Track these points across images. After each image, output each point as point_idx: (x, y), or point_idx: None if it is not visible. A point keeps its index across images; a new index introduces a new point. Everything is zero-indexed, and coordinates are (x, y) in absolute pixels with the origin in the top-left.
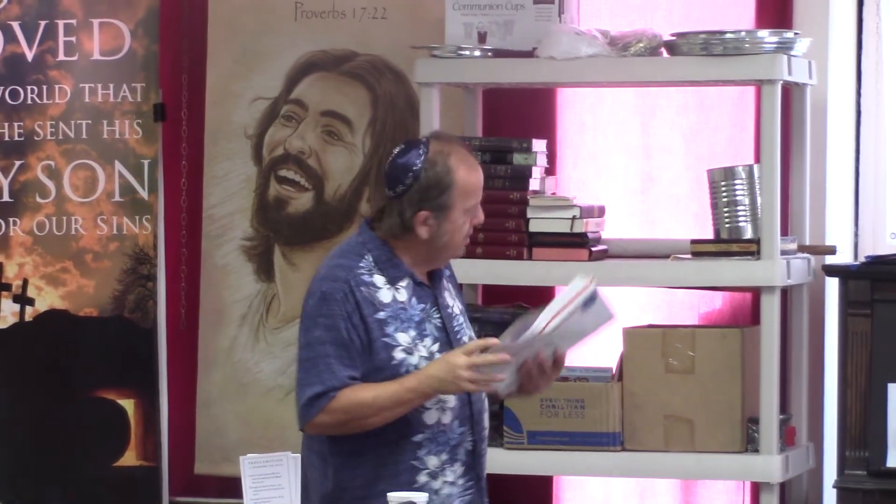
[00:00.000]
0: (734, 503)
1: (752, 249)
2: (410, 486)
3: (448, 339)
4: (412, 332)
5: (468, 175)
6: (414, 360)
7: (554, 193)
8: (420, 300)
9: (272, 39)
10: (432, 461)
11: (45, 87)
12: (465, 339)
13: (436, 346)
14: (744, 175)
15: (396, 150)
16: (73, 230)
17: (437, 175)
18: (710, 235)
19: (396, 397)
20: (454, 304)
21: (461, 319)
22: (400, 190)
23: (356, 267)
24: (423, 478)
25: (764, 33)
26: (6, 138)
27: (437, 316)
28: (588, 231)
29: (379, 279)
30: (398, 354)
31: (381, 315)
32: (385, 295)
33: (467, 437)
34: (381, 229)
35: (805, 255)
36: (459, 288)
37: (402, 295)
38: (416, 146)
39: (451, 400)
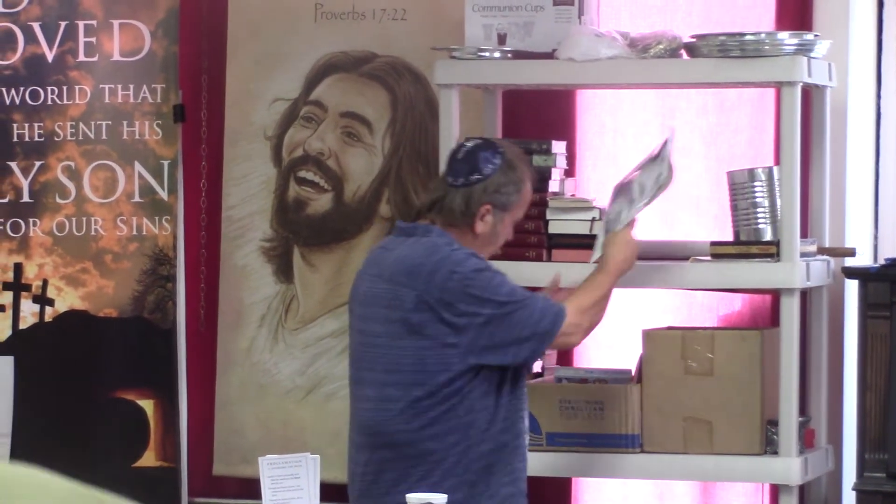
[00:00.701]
0: None
1: (771, 251)
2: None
3: None
4: None
5: (530, 187)
6: None
7: (573, 195)
8: None
9: (292, 41)
10: (523, 465)
11: (65, 87)
12: None
13: None
14: (763, 177)
15: (470, 144)
16: (93, 231)
17: (514, 177)
18: (729, 237)
19: (609, 285)
20: None
21: None
22: (474, 179)
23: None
24: (522, 485)
25: (784, 35)
26: (26, 139)
27: None
28: None
29: None
30: None
31: None
32: None
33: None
34: (441, 217)
35: (825, 257)
36: None
37: None
38: (491, 145)
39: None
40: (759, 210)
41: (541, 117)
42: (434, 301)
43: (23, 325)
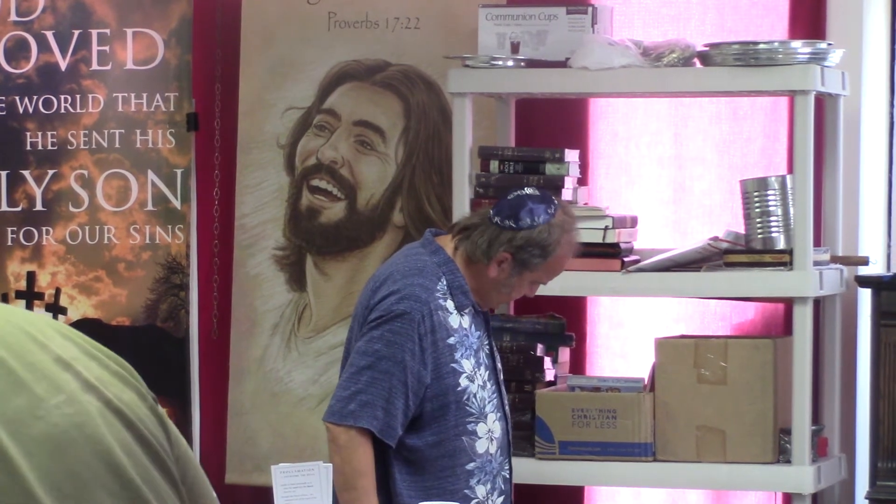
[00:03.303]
0: None
1: (784, 260)
2: None
3: (493, 367)
4: (473, 360)
5: (562, 260)
6: (474, 388)
7: (586, 204)
8: (476, 328)
9: (305, 49)
10: (481, 490)
11: (78, 96)
12: (500, 366)
13: (487, 374)
14: (777, 185)
15: (529, 191)
16: (106, 239)
17: (547, 240)
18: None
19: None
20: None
21: (496, 349)
22: (507, 224)
23: (434, 290)
24: None
25: (797, 44)
26: (39, 147)
27: (487, 344)
28: (620, 241)
29: (450, 304)
30: (463, 381)
31: (452, 340)
32: (454, 320)
33: (504, 465)
34: (465, 244)
35: (838, 265)
36: None
37: (466, 321)
38: (545, 200)
39: (498, 429)
40: (772, 218)
41: (554, 126)
42: (364, 311)
43: None
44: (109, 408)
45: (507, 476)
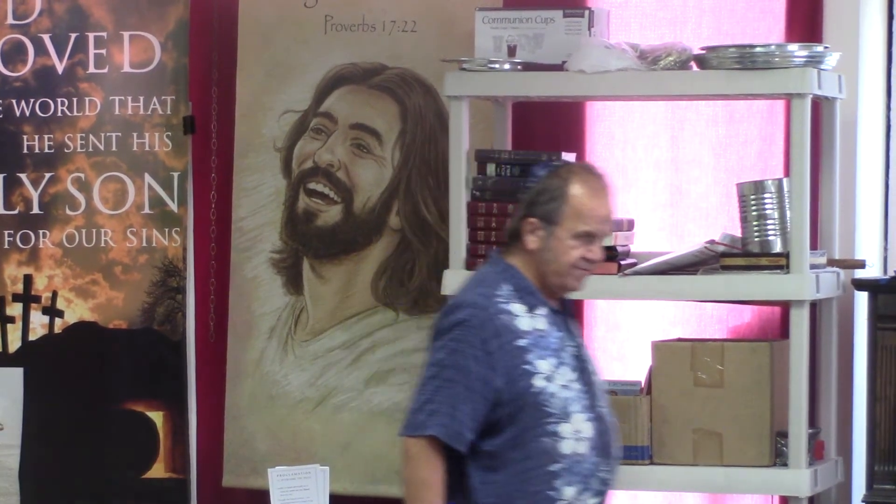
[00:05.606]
0: None
1: (781, 263)
2: None
3: (582, 368)
4: (552, 360)
5: (584, 197)
6: (553, 388)
7: None
8: (557, 328)
9: (302, 52)
10: (568, 492)
11: (75, 99)
12: (593, 369)
13: (574, 375)
14: (773, 189)
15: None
16: (103, 242)
17: (551, 185)
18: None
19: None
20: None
21: (587, 349)
22: (521, 196)
23: (494, 295)
24: None
25: (794, 47)
26: (36, 150)
27: (572, 344)
28: (617, 244)
29: (517, 307)
30: (538, 382)
31: (522, 342)
32: (524, 323)
33: (601, 467)
34: (508, 242)
35: (834, 268)
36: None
37: (541, 323)
38: (550, 164)
39: (587, 429)
40: (768, 222)
41: (551, 129)
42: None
43: (32, 337)
44: None
45: (604, 478)
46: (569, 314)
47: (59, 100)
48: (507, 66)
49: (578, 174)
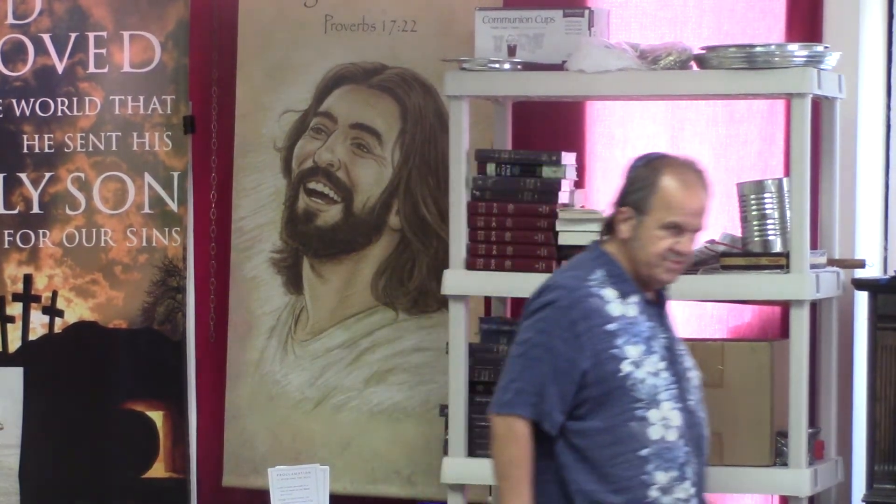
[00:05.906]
0: None
1: (781, 263)
2: (642, 501)
3: (673, 360)
4: (641, 347)
5: (676, 188)
6: (640, 374)
7: (583, 206)
8: (649, 318)
9: (302, 52)
10: (662, 477)
11: (75, 99)
12: (688, 364)
13: (663, 365)
14: (773, 188)
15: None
16: (103, 242)
17: (643, 174)
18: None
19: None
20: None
21: (682, 345)
22: (619, 187)
23: (586, 278)
24: (654, 493)
25: (794, 47)
26: (36, 150)
27: (664, 336)
28: None
29: (609, 293)
30: (625, 367)
31: (611, 327)
32: (615, 308)
33: (692, 457)
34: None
35: (834, 268)
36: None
37: (632, 310)
38: (647, 155)
39: (676, 418)
40: (768, 221)
41: (551, 129)
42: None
43: (32, 337)
44: None
45: (696, 468)
46: (663, 307)
47: (59, 99)
48: (507, 66)
49: (672, 165)
